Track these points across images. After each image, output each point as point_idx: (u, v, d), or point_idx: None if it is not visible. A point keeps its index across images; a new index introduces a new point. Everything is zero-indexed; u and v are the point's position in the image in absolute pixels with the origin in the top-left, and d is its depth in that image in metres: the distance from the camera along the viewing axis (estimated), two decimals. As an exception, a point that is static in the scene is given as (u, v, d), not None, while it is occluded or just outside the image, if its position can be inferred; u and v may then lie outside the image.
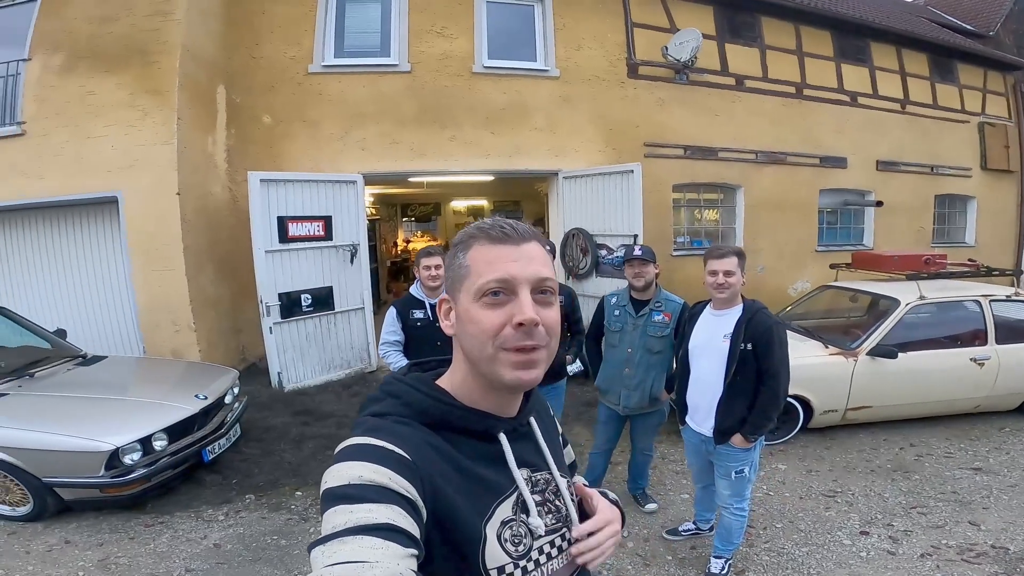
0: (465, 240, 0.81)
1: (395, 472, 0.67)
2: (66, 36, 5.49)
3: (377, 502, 0.64)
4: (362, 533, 0.60)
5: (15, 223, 5.90)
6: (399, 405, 0.79)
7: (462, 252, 0.80)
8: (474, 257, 0.78)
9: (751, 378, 2.55)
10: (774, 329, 2.53)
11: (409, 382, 0.81)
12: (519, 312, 0.74)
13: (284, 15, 6.29)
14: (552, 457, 0.91)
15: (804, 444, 4.39)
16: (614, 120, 7.14)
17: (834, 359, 4.37)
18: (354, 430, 0.76)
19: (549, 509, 0.86)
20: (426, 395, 0.79)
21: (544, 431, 0.93)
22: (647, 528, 3.30)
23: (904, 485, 3.75)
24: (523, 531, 0.80)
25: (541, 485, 0.87)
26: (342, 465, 0.68)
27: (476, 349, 0.77)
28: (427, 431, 0.76)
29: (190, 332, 5.52)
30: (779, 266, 8.36)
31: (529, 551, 0.80)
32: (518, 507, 0.81)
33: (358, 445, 0.71)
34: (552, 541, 0.84)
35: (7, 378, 3.88)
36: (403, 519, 0.64)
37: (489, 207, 13.36)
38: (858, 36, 8.77)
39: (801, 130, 8.30)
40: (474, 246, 0.79)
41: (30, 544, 3.17)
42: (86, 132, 5.39)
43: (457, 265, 0.80)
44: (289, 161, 6.21)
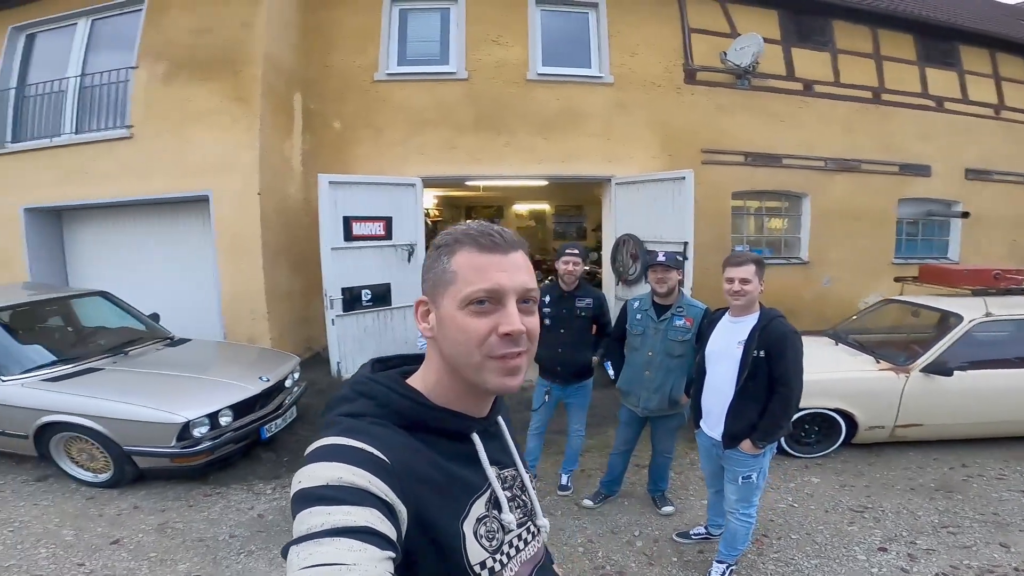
0: (451, 244, 0.80)
1: (374, 475, 0.67)
2: (167, 46, 6.09)
3: (355, 504, 0.63)
4: (340, 535, 0.60)
5: (124, 217, 6.71)
6: (374, 406, 0.78)
7: (446, 256, 0.79)
8: (461, 263, 0.78)
9: (763, 385, 2.58)
10: (788, 337, 2.55)
11: (383, 383, 0.80)
12: (507, 323, 0.75)
13: (352, 25, 6.74)
14: (517, 453, 0.96)
15: (845, 459, 4.28)
16: (670, 126, 7.10)
17: (884, 374, 4.24)
18: (327, 430, 0.74)
19: (518, 504, 0.90)
20: (402, 396, 0.79)
21: (510, 429, 0.97)
22: (659, 530, 3.35)
23: (942, 504, 3.60)
24: (496, 526, 0.82)
25: (509, 482, 0.90)
26: (318, 466, 0.67)
27: (461, 356, 0.77)
28: (402, 432, 0.76)
29: (264, 321, 6.03)
30: (849, 278, 7.97)
31: (502, 544, 0.83)
32: (491, 504, 0.83)
33: (335, 445, 0.70)
34: (520, 534, 0.88)
35: (105, 355, 4.45)
36: (381, 523, 0.63)
37: (551, 211, 13.50)
38: (945, 39, 8.21)
39: (878, 136, 7.88)
40: (461, 251, 0.78)
41: (104, 508, 3.58)
42: (184, 136, 6.00)
43: (441, 269, 0.79)
44: (356, 164, 6.64)
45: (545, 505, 3.55)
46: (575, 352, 3.62)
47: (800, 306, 7.64)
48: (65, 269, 7.06)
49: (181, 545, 3.16)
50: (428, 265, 0.82)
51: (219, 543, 3.18)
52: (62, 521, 3.41)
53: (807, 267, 7.88)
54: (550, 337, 3.67)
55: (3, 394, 3.82)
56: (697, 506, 3.60)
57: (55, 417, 3.72)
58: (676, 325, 3.19)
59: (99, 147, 6.26)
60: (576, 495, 3.74)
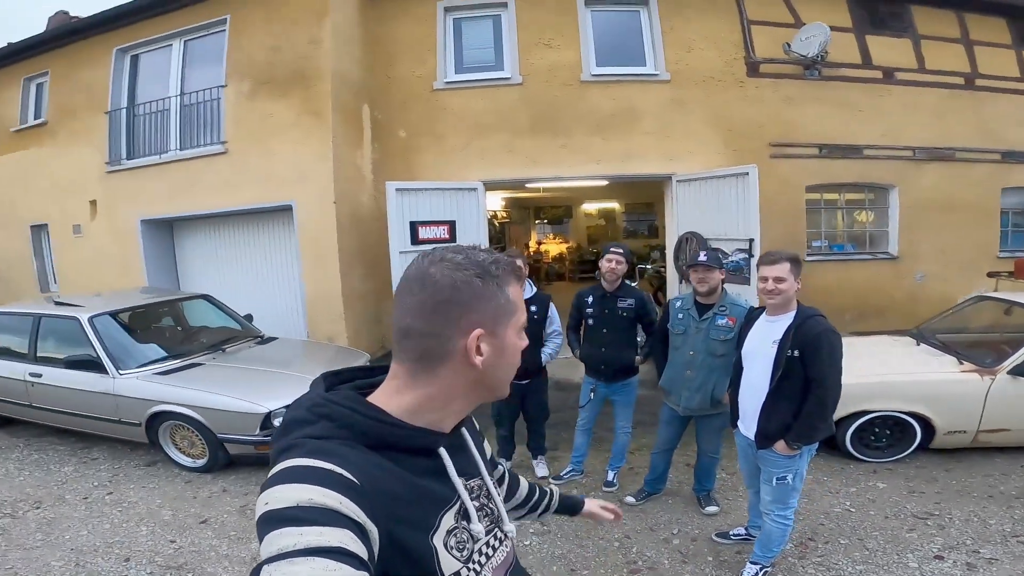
0: (500, 276, 0.82)
1: (344, 496, 0.66)
2: (249, 64, 6.64)
3: (328, 525, 0.63)
4: (313, 555, 0.59)
5: (222, 226, 7.45)
6: (336, 428, 0.76)
7: (504, 287, 0.82)
8: (514, 295, 0.84)
9: (797, 385, 2.55)
10: (823, 336, 2.51)
11: (344, 404, 0.78)
12: (525, 339, 0.88)
13: (411, 37, 7.04)
14: (482, 462, 0.97)
15: (920, 464, 4.08)
16: (733, 121, 6.91)
17: (966, 376, 3.98)
18: (290, 451, 0.73)
19: (485, 512, 0.92)
20: (366, 417, 0.77)
21: (473, 438, 0.98)
22: (699, 529, 3.37)
23: (1020, 513, 3.37)
24: (465, 536, 0.84)
25: (477, 491, 0.92)
26: (286, 487, 0.66)
27: (508, 376, 0.87)
28: (369, 452, 0.75)
29: (341, 321, 6.47)
30: (946, 274, 7.36)
31: (472, 553, 0.84)
32: (460, 515, 0.84)
33: (303, 467, 0.68)
34: (487, 541, 0.89)
35: (206, 351, 5.03)
36: (353, 543, 0.63)
37: (620, 209, 13.40)
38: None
39: (974, 123, 7.25)
40: (511, 284, 0.84)
41: (199, 491, 4.04)
42: (269, 149, 6.52)
43: (504, 300, 0.82)
44: (421, 171, 6.97)
45: (588, 500, 3.67)
46: (618, 351, 3.71)
47: (889, 304, 7.21)
48: (176, 274, 7.87)
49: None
50: (481, 295, 0.79)
51: (289, 523, 3.55)
52: (163, 502, 3.90)
53: (896, 262, 7.38)
54: (594, 336, 3.79)
55: (122, 386, 4.41)
56: (743, 507, 3.54)
57: (163, 407, 4.26)
58: (718, 324, 3.19)
59: (201, 162, 6.92)
60: (621, 492, 3.81)
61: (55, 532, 3.55)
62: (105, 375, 4.47)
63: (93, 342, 4.57)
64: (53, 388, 4.69)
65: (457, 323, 0.78)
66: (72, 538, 3.48)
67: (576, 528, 3.38)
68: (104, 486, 4.20)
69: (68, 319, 4.78)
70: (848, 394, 3.92)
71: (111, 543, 3.41)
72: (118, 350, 4.65)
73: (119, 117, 7.51)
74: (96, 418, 4.59)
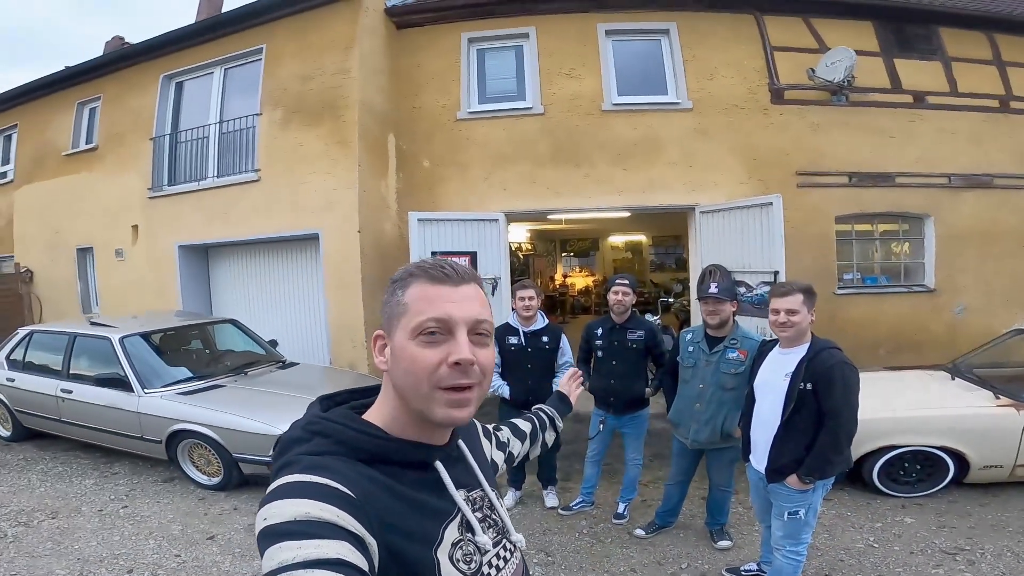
0: (404, 278, 0.82)
1: (341, 509, 0.67)
2: (282, 94, 6.85)
3: (325, 538, 0.63)
4: (312, 567, 0.60)
5: (252, 253, 7.68)
6: (331, 444, 0.77)
7: (400, 290, 0.81)
8: (412, 295, 0.80)
9: (810, 419, 2.48)
10: (836, 368, 2.44)
11: (337, 420, 0.80)
12: (456, 351, 0.76)
13: (435, 67, 7.19)
14: (482, 474, 0.96)
15: (953, 499, 3.93)
16: (758, 149, 6.81)
17: (1002, 411, 3.88)
18: (287, 468, 0.74)
19: (490, 524, 0.90)
20: (358, 432, 0.79)
21: (472, 450, 0.97)
22: (709, 564, 3.25)
23: None
24: (472, 549, 0.83)
25: (479, 503, 0.91)
26: (283, 502, 0.67)
27: (410, 387, 0.78)
28: (364, 467, 0.76)
29: (362, 349, 6.53)
30: (988, 306, 7.03)
31: (481, 567, 0.83)
32: (463, 527, 0.83)
33: (299, 482, 0.70)
34: (498, 553, 0.89)
35: (229, 374, 5.17)
36: (352, 554, 0.63)
37: (647, 242, 13.28)
38: None
39: (1011, 148, 6.99)
40: (413, 284, 0.81)
41: (210, 508, 4.12)
42: (299, 178, 6.69)
43: (395, 302, 0.81)
44: (444, 201, 7.06)
45: (596, 532, 3.60)
46: (627, 383, 3.65)
47: (927, 338, 6.91)
48: (210, 298, 8.11)
49: (264, 543, 3.58)
50: (384, 300, 0.84)
51: (294, 544, 3.56)
52: (175, 518, 3.98)
53: (933, 295, 7.08)
54: (603, 368, 3.75)
55: (146, 404, 4.56)
56: (758, 542, 3.41)
57: (183, 425, 4.39)
58: (729, 358, 3.12)
59: (236, 189, 7.14)
60: (631, 524, 3.71)
61: (66, 542, 3.66)
62: (131, 393, 4.63)
63: (122, 361, 4.75)
64: (82, 404, 4.88)
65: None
66: (81, 548, 3.57)
67: (580, 560, 3.30)
68: (120, 500, 4.31)
69: (101, 339, 5.00)
70: (876, 429, 3.85)
71: (117, 555, 3.49)
72: (145, 370, 4.82)
73: (163, 143, 7.83)
74: (120, 434, 4.74)
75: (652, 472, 4.33)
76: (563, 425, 1.53)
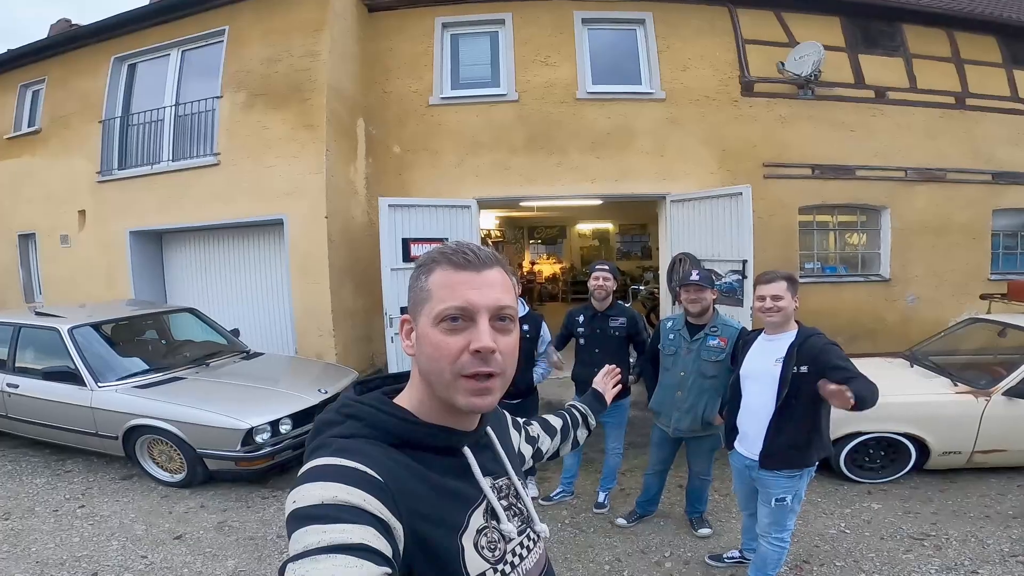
0: (427, 264, 0.82)
1: (368, 493, 0.67)
2: (246, 76, 6.57)
3: (351, 523, 0.64)
4: (336, 552, 0.61)
5: (211, 239, 7.35)
6: (362, 427, 0.78)
7: (424, 275, 0.81)
8: (435, 281, 0.80)
9: (806, 403, 2.49)
10: (828, 347, 2.47)
11: (369, 403, 0.81)
12: (476, 339, 0.76)
13: (407, 52, 7.03)
14: (509, 462, 0.95)
15: (915, 485, 4.05)
16: (728, 140, 6.91)
17: (960, 398, 4.00)
18: (318, 451, 0.75)
19: (515, 512, 0.91)
20: (390, 415, 0.80)
21: (500, 438, 0.97)
22: (692, 552, 3.27)
23: (1017, 532, 3.33)
24: (497, 536, 0.83)
25: (504, 491, 0.91)
26: (312, 485, 0.68)
27: (434, 373, 0.79)
28: (393, 451, 0.76)
29: (330, 337, 6.34)
30: (938, 296, 7.36)
31: (505, 554, 0.83)
32: (488, 515, 0.84)
33: (328, 466, 0.70)
34: (521, 542, 0.89)
35: (189, 366, 4.93)
36: (377, 539, 0.64)
37: (614, 230, 13.43)
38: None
39: (965, 143, 7.30)
40: (436, 270, 0.80)
41: (175, 506, 3.94)
42: (263, 162, 6.43)
43: (419, 288, 0.82)
44: (415, 187, 6.92)
45: (578, 522, 3.59)
46: (609, 371, 3.63)
47: (881, 327, 7.18)
48: (164, 287, 7.73)
49: (234, 543, 3.44)
50: (410, 284, 0.85)
51: (267, 542, 3.43)
52: (137, 516, 3.78)
53: (888, 285, 7.36)
54: (585, 356, 3.72)
55: (100, 399, 4.31)
56: (737, 529, 3.47)
57: (141, 420, 4.16)
58: (709, 345, 3.13)
59: (192, 174, 6.83)
60: (612, 513, 3.72)
61: (21, 544, 3.45)
62: (83, 387, 4.38)
63: (72, 353, 4.48)
64: (30, 399, 4.60)
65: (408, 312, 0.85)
66: (39, 551, 3.37)
67: (565, 551, 3.28)
68: (76, 499, 4.09)
69: (48, 330, 4.70)
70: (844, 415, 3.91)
71: (79, 557, 3.30)
72: (97, 362, 4.56)
73: (112, 126, 7.44)
74: (72, 430, 4.49)
75: (627, 460, 4.34)
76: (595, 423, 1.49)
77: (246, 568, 3.17)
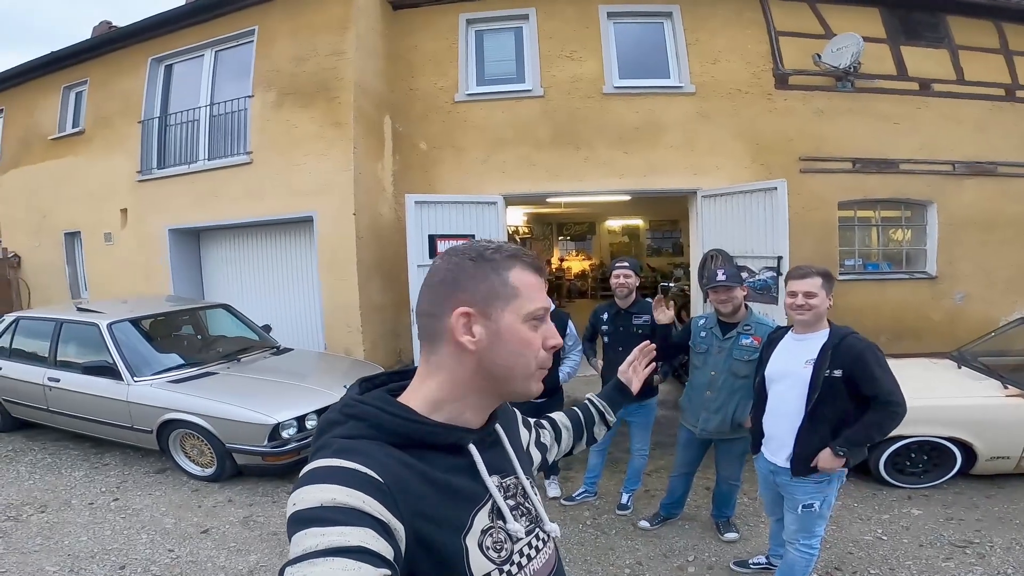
0: (501, 260, 0.82)
1: (368, 495, 0.67)
2: (275, 75, 6.69)
3: (350, 525, 0.64)
4: (334, 555, 0.61)
5: (246, 236, 7.52)
6: (365, 427, 0.78)
7: (502, 271, 0.82)
8: (520, 280, 0.82)
9: (838, 407, 2.37)
10: (867, 352, 2.34)
11: (371, 403, 0.81)
12: (552, 337, 0.84)
13: (433, 49, 7.04)
14: (517, 460, 0.94)
15: (959, 491, 3.88)
16: (761, 134, 6.70)
17: (1011, 401, 3.83)
18: (320, 452, 0.75)
19: (523, 512, 0.89)
20: (392, 415, 0.79)
21: (509, 436, 0.96)
22: (716, 556, 3.18)
23: None
24: (503, 536, 0.82)
25: (512, 490, 0.89)
26: (312, 487, 0.68)
27: (519, 366, 0.81)
28: (396, 450, 0.76)
29: (358, 333, 6.40)
30: (988, 295, 7.00)
31: (511, 555, 0.82)
32: (494, 514, 0.83)
33: (329, 467, 0.70)
34: (530, 542, 0.87)
35: (221, 361, 5.04)
36: (376, 541, 0.64)
37: (645, 226, 13.22)
38: None
39: (1017, 136, 6.91)
40: (515, 269, 0.82)
41: (204, 500, 4.02)
42: (292, 160, 6.54)
43: (499, 282, 0.81)
44: (441, 184, 6.92)
45: (600, 524, 3.53)
46: (633, 370, 3.54)
47: (927, 326, 6.89)
48: (201, 283, 7.96)
49: (258, 537, 3.49)
50: (471, 275, 0.81)
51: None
52: (167, 510, 3.87)
53: (935, 282, 7.04)
54: (610, 354, 3.66)
55: (135, 393, 4.44)
56: (764, 534, 3.36)
57: (174, 415, 4.26)
58: (742, 344, 3.03)
59: (227, 172, 7.00)
60: (635, 515, 3.65)
61: (55, 536, 3.55)
62: (120, 381, 4.51)
63: (110, 348, 4.62)
64: (70, 393, 4.75)
65: (446, 302, 0.81)
66: (71, 543, 3.47)
67: (585, 553, 3.23)
68: (111, 492, 4.20)
69: (88, 325, 4.85)
70: None
71: (109, 550, 3.38)
72: (134, 357, 4.69)
73: (152, 126, 7.67)
74: (109, 424, 4.62)
75: (653, 461, 4.26)
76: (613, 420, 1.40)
77: (267, 563, 3.21)
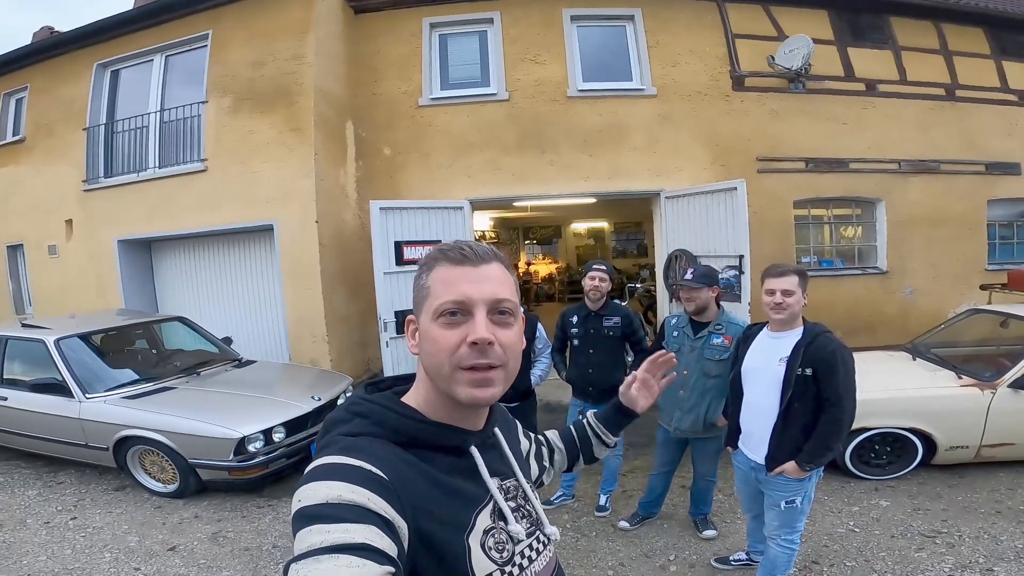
0: (428, 262, 0.83)
1: (372, 492, 0.67)
2: (231, 80, 6.48)
3: (354, 522, 0.64)
4: (338, 552, 0.61)
5: (202, 246, 7.25)
6: (369, 425, 0.79)
7: (425, 274, 0.83)
8: (435, 278, 0.81)
9: (810, 406, 2.40)
10: (837, 353, 2.36)
11: (377, 402, 0.82)
12: (472, 331, 0.77)
13: (395, 54, 6.97)
14: (516, 463, 0.95)
15: (923, 481, 3.97)
16: (720, 136, 6.87)
17: (966, 391, 3.93)
18: (325, 449, 0.76)
19: (523, 514, 0.90)
20: (397, 414, 0.80)
21: (508, 439, 0.97)
22: (697, 554, 3.21)
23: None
24: (505, 538, 0.83)
25: (512, 492, 0.90)
26: (317, 484, 0.68)
27: (434, 367, 0.79)
28: (400, 449, 0.77)
29: (324, 343, 6.25)
30: (935, 288, 7.33)
31: (513, 556, 0.83)
32: (496, 515, 0.83)
33: (334, 464, 0.71)
34: (530, 544, 0.88)
35: (179, 375, 4.85)
36: (380, 539, 0.64)
37: (609, 229, 13.40)
38: (1021, 31, 7.55)
39: (957, 135, 7.29)
40: (435, 268, 0.82)
41: (168, 517, 3.86)
42: (251, 167, 6.34)
43: (420, 286, 0.83)
44: (407, 189, 6.84)
45: (580, 526, 3.52)
46: (605, 372, 3.55)
47: (880, 320, 7.14)
48: (155, 296, 7.63)
49: (229, 553, 3.35)
50: (413, 285, 0.86)
51: (262, 553, 3.35)
52: (130, 528, 3.70)
53: (886, 277, 7.33)
54: (580, 357, 3.66)
55: (88, 410, 4.23)
56: (742, 530, 3.40)
57: (131, 431, 4.07)
58: (713, 343, 3.06)
59: (179, 180, 6.72)
60: (614, 516, 3.65)
61: (12, 557, 3.38)
62: (71, 399, 4.30)
63: (59, 365, 4.40)
64: (18, 411, 4.52)
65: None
66: (30, 563, 3.29)
67: (566, 556, 3.21)
68: (68, 510, 4.01)
69: (34, 341, 4.61)
70: None
71: (71, 569, 3.22)
72: (85, 373, 4.47)
73: (97, 134, 7.33)
74: (62, 442, 4.40)
75: (628, 461, 4.28)
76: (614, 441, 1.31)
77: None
